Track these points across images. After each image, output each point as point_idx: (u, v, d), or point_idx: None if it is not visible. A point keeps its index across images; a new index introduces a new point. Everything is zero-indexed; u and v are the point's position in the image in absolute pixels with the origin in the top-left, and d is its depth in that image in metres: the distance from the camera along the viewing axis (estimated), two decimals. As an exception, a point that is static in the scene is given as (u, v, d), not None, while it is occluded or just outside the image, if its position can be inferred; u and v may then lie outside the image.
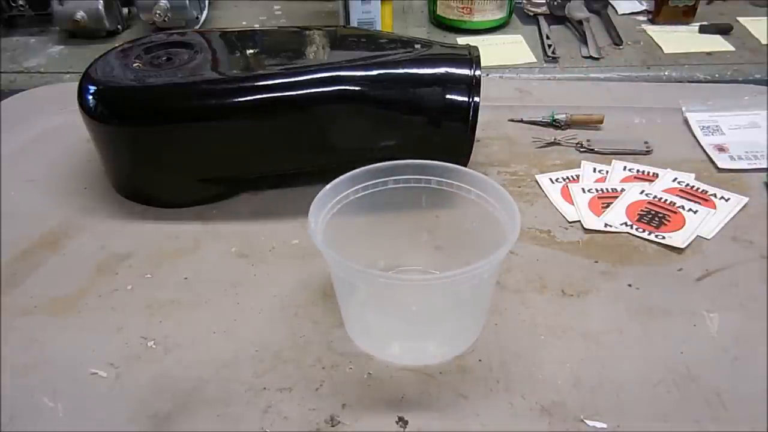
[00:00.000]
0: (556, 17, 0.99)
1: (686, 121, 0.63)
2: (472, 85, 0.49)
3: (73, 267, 0.47)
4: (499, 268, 0.39)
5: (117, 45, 0.54)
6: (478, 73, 0.49)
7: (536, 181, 0.55)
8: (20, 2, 0.94)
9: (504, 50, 0.90)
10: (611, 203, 0.52)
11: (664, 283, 0.45)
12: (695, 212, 0.51)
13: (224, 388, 0.38)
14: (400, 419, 0.36)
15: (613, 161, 0.57)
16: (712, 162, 0.57)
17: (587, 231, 0.50)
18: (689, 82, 0.83)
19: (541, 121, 0.63)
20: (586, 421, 0.35)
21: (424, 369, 0.39)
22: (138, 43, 0.54)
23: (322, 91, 0.47)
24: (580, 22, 0.95)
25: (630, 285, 0.45)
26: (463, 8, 0.92)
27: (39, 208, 0.53)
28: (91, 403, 0.37)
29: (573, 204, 0.52)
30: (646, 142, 0.59)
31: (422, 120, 0.50)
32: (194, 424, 0.36)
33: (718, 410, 0.36)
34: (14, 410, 0.36)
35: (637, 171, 0.56)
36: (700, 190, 0.53)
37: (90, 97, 0.48)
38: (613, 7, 1.02)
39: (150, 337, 0.41)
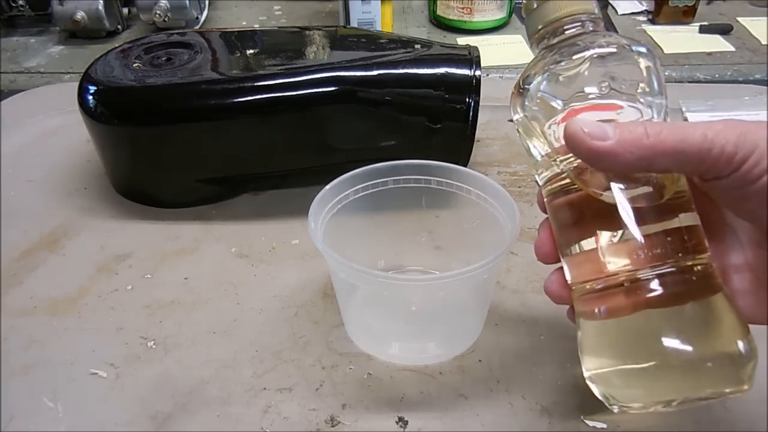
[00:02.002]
0: (556, 17, 0.99)
1: (686, 121, 0.63)
2: (472, 86, 0.49)
3: (73, 267, 0.47)
4: (499, 268, 0.39)
5: (117, 45, 0.54)
6: (478, 73, 0.49)
7: (536, 182, 0.55)
8: (20, 2, 0.94)
9: (504, 50, 0.90)
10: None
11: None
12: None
13: (224, 388, 0.38)
14: (400, 419, 0.36)
15: (613, 161, 0.57)
16: (712, 162, 0.57)
17: (587, 231, 0.49)
18: (689, 82, 0.83)
19: (541, 122, 0.63)
20: (586, 421, 0.35)
21: (424, 369, 0.39)
22: (138, 43, 0.54)
23: (322, 91, 0.47)
24: (580, 22, 0.95)
25: (630, 285, 0.44)
26: (463, 8, 0.92)
27: (39, 208, 0.53)
28: (91, 403, 0.37)
29: (573, 204, 0.52)
30: (646, 142, 0.59)
31: (422, 120, 0.50)
32: (194, 425, 0.36)
33: (718, 410, 0.36)
34: (14, 410, 0.36)
35: (637, 171, 0.56)
36: (700, 190, 0.53)
37: (90, 97, 0.48)
38: (613, 7, 1.02)
39: (150, 337, 0.41)
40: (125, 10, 0.95)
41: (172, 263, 0.47)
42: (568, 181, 0.30)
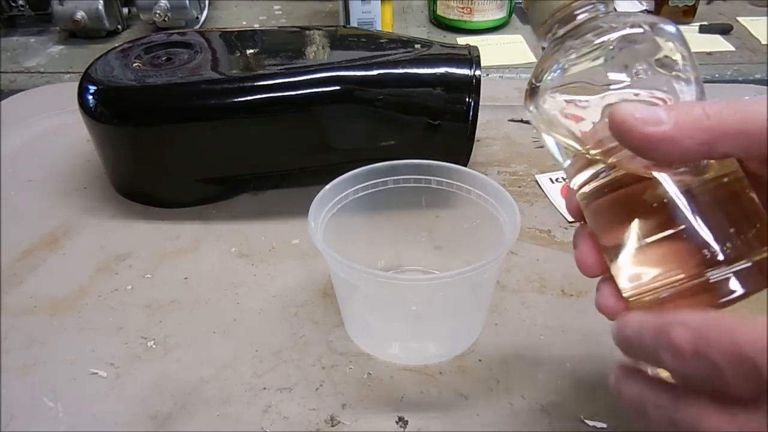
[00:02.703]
0: (556, 17, 0.99)
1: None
2: (472, 85, 0.49)
3: (73, 267, 0.47)
4: (499, 268, 0.39)
5: (117, 45, 0.54)
6: (478, 73, 0.49)
7: (536, 181, 0.55)
8: (20, 2, 0.94)
9: (504, 50, 0.90)
10: (611, 203, 0.52)
11: (664, 283, 0.45)
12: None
13: (224, 388, 0.38)
14: (400, 419, 0.36)
15: (613, 161, 0.57)
16: (712, 162, 0.57)
17: (587, 231, 0.49)
18: (689, 82, 0.83)
19: (541, 121, 0.63)
20: (586, 421, 0.35)
21: (424, 369, 0.39)
22: (138, 43, 0.54)
23: (322, 91, 0.47)
24: (580, 22, 0.95)
25: (630, 285, 0.44)
26: (463, 8, 0.92)
27: (39, 208, 0.53)
28: (91, 403, 0.37)
29: (573, 204, 0.52)
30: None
31: (422, 120, 0.50)
32: (194, 424, 0.36)
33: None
34: (14, 410, 0.36)
35: (637, 171, 0.56)
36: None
37: (90, 97, 0.48)
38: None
39: (150, 337, 0.41)
40: (125, 10, 0.95)
41: (172, 263, 0.47)
42: (613, 176, 0.27)
